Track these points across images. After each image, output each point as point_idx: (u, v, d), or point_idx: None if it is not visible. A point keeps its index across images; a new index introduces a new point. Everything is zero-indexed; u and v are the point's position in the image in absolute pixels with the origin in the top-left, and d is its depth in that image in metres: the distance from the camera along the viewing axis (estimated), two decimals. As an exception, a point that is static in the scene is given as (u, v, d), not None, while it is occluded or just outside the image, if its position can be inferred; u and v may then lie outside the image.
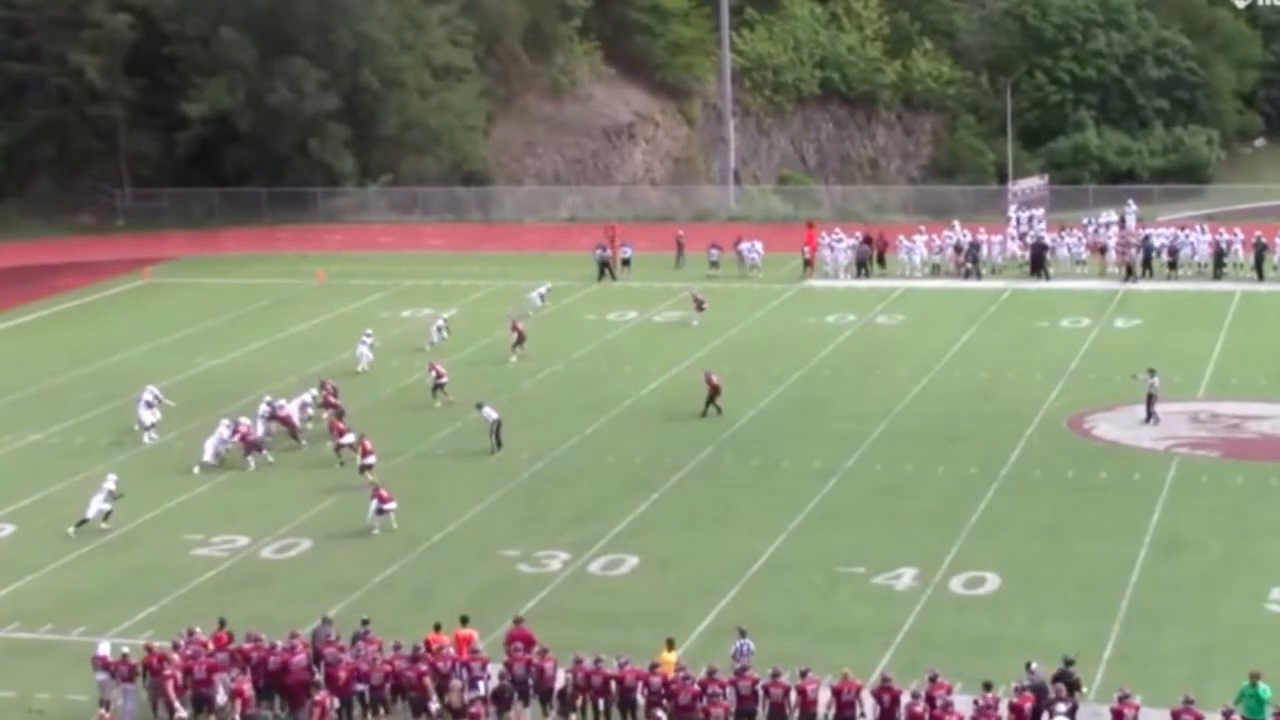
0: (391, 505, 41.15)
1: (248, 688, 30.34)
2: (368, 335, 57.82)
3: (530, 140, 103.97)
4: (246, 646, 31.48)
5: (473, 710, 29.58)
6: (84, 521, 41.80)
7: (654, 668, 30.20)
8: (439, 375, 52.35)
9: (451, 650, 31.21)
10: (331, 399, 50.70)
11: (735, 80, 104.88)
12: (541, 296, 65.05)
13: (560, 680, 30.49)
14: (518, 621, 32.32)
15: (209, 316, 67.02)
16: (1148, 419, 47.80)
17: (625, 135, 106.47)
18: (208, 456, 46.78)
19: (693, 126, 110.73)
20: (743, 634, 31.29)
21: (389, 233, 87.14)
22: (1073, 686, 28.95)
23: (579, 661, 30.29)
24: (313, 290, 71.62)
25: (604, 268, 71.44)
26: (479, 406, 48.28)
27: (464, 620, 32.36)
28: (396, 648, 31.17)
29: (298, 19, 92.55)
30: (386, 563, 38.96)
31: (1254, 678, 28.62)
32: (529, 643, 31.28)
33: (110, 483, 42.44)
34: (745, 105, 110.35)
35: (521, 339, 57.55)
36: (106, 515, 42.06)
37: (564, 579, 37.88)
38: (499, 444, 47.27)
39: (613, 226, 76.38)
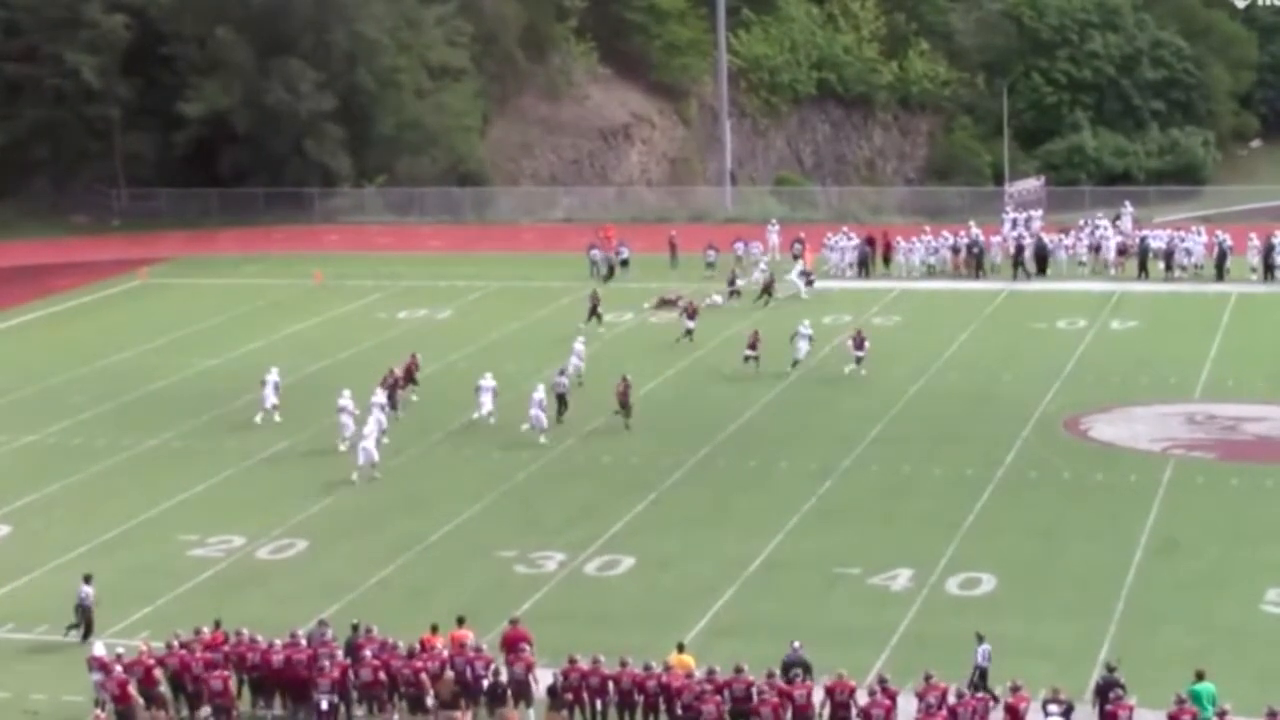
0: None
1: (229, 683, 30.49)
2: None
3: (526, 141, 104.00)
4: (243, 646, 31.48)
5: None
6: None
7: (667, 669, 30.12)
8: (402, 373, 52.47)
9: (445, 651, 31.22)
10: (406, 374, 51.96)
11: (731, 81, 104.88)
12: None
13: (547, 679, 30.47)
14: (514, 622, 32.31)
15: (205, 317, 67.00)
16: None
17: (621, 136, 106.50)
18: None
19: (689, 127, 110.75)
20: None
21: (385, 233, 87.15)
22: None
23: (573, 662, 30.29)
24: (310, 291, 71.60)
25: (610, 269, 71.20)
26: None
27: (460, 621, 32.36)
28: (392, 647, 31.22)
29: (294, 19, 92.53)
30: (383, 563, 38.96)
31: (1199, 676, 28.77)
32: (526, 643, 31.29)
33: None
34: (741, 106, 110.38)
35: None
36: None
37: (560, 580, 37.89)
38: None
39: (606, 227, 76.47)
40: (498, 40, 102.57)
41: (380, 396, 48.62)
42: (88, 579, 35.36)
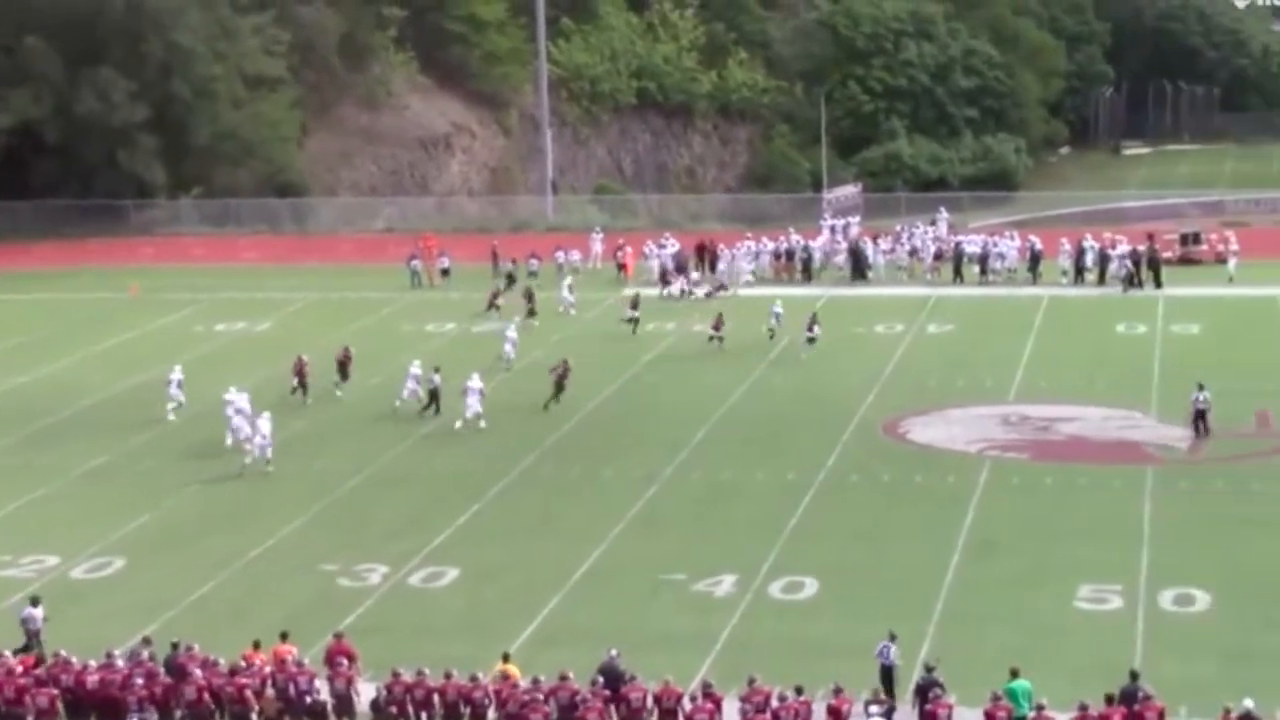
0: None
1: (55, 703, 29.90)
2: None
3: (346, 151, 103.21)
4: (57, 668, 30.84)
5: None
6: None
7: (505, 678, 30.01)
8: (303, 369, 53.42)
9: (268, 668, 30.85)
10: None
11: (552, 90, 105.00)
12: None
13: (370, 693, 30.25)
14: (337, 636, 32.02)
15: (19, 333, 65.59)
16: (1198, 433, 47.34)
17: (442, 146, 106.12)
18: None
19: (510, 137, 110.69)
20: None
21: (202, 245, 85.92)
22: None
23: (397, 675, 30.08)
24: (126, 304, 70.40)
25: (509, 278, 70.61)
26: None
27: (283, 636, 31.97)
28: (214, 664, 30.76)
29: (106, 28, 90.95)
30: (203, 579, 38.37)
31: (1014, 673, 29.28)
32: (349, 658, 31.03)
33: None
34: (562, 115, 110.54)
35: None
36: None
37: (384, 592, 37.62)
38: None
39: (426, 237, 76.18)
40: (315, 49, 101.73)
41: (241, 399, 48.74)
42: (35, 601, 34.36)
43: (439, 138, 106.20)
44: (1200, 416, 46.94)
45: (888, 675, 30.29)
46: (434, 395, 51.30)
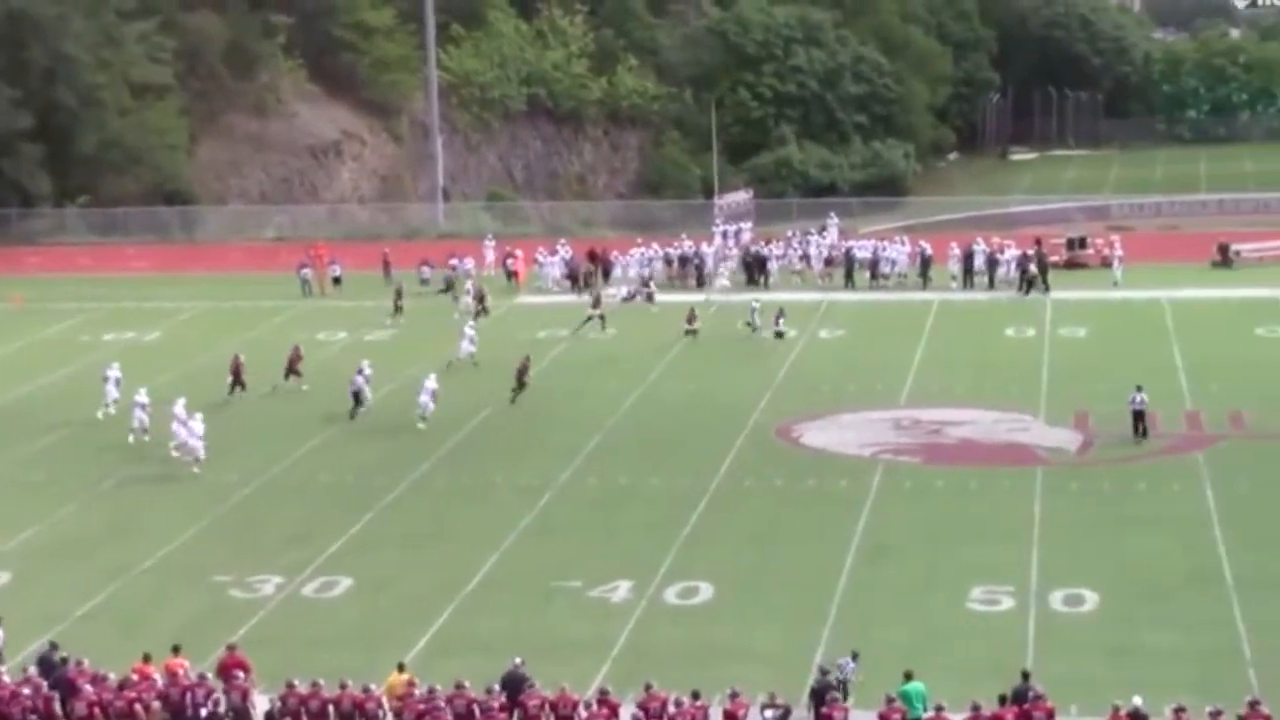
0: None
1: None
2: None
3: (235, 159, 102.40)
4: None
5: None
6: None
7: (406, 687, 29.85)
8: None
9: (160, 681, 30.51)
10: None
11: (442, 97, 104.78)
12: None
13: (265, 705, 30.01)
14: (230, 648, 31.71)
15: (-101, 344, 64.56)
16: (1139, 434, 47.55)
17: (332, 153, 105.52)
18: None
19: (400, 144, 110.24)
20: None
21: (88, 254, 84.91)
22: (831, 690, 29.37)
23: (292, 686, 29.84)
24: (11, 315, 69.42)
25: (448, 284, 70.25)
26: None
27: (175, 649, 31.61)
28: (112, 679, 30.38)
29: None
30: (93, 592, 37.89)
31: (907, 676, 29.54)
32: (243, 670, 30.74)
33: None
34: (453, 122, 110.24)
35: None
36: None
37: (277, 603, 37.31)
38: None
39: (317, 245, 75.73)
40: (202, 57, 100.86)
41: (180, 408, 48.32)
42: None
43: (329, 145, 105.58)
44: (1139, 417, 47.37)
45: (843, 689, 30.26)
46: (357, 398, 51.68)
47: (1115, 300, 67.66)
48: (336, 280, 72.32)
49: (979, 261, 70.24)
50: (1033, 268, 68.82)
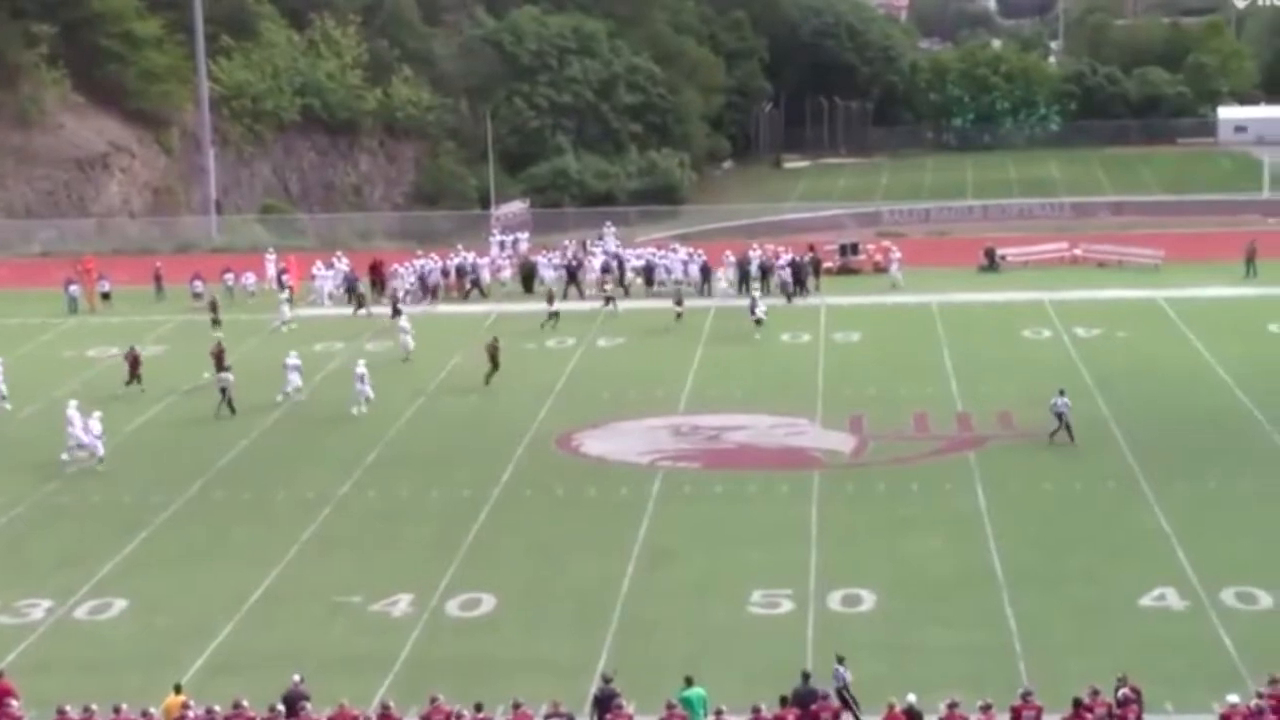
0: None
1: None
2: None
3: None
4: None
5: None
6: None
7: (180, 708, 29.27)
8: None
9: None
10: None
11: (213, 108, 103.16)
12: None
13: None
14: (-1, 675, 30.92)
15: None
16: (1054, 436, 47.88)
17: (100, 166, 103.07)
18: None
19: (171, 156, 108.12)
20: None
21: None
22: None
23: (62, 712, 29.12)
24: None
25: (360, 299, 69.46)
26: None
27: (-60, 678, 30.74)
28: None
29: None
30: None
31: (688, 681, 29.82)
32: (12, 698, 29.96)
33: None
34: (225, 134, 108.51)
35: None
36: None
37: (48, 628, 36.43)
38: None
39: (85, 260, 74.12)
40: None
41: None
42: None
43: (96, 157, 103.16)
44: (1060, 418, 47.90)
45: (843, 695, 30.22)
46: (224, 393, 52.44)
47: (888, 305, 68.96)
48: (106, 296, 70.84)
49: (754, 268, 71.08)
50: (793, 273, 69.92)
